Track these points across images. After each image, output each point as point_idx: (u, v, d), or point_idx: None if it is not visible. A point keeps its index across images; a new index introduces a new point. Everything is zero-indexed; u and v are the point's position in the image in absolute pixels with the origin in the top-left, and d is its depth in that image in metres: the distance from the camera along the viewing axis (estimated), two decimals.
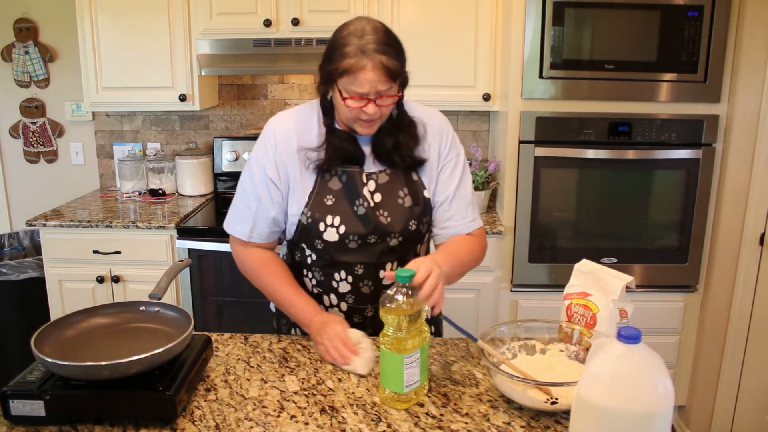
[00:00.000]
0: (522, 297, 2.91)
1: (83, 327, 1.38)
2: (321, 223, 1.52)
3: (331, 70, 1.41)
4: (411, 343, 1.23)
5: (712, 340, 2.88)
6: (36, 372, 1.25)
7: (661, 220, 2.85)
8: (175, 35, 3.03)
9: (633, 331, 0.95)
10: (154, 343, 1.23)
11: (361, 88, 1.38)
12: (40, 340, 1.25)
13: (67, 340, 1.31)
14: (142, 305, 1.44)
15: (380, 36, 1.39)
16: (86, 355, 1.24)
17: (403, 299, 1.22)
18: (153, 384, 1.20)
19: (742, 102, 2.64)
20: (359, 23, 1.41)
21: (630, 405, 0.94)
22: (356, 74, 1.37)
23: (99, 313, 1.42)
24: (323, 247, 1.54)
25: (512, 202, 2.83)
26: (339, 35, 1.42)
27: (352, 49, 1.37)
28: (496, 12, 2.91)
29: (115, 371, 1.17)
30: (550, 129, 2.73)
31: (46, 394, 1.18)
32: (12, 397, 1.19)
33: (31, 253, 3.46)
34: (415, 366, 1.25)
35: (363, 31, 1.39)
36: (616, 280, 1.39)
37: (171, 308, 1.43)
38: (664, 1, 2.60)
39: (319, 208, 1.52)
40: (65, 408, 1.20)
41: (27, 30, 3.42)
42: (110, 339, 1.36)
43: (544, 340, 1.40)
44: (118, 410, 1.20)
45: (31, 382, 1.22)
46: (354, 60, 1.36)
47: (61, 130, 3.57)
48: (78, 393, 1.19)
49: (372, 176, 1.54)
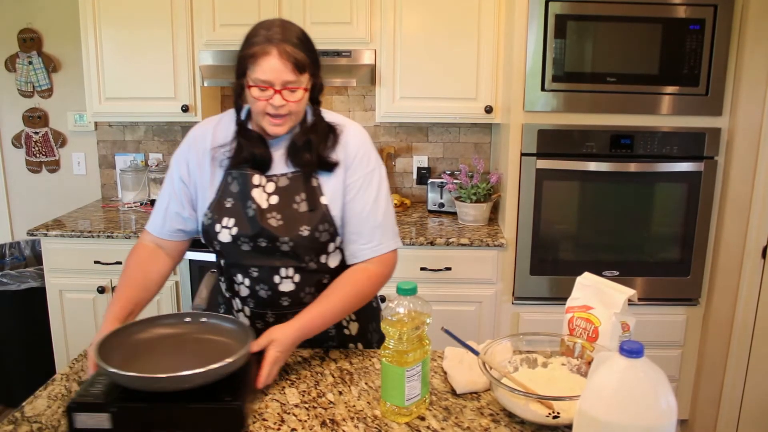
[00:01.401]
0: (524, 310, 2.90)
1: (143, 338, 1.38)
2: (218, 225, 1.53)
3: (239, 59, 1.44)
4: (412, 356, 1.23)
5: (715, 354, 2.87)
6: (98, 384, 1.24)
7: (663, 233, 2.85)
8: (177, 46, 3.04)
9: (635, 345, 0.94)
10: (212, 354, 1.23)
11: (264, 75, 1.40)
12: (102, 351, 1.24)
13: (127, 351, 1.31)
14: (203, 317, 1.45)
15: (288, 30, 1.43)
16: (148, 366, 1.24)
17: (404, 312, 1.22)
18: (217, 395, 1.20)
19: (744, 115, 2.65)
20: (272, 19, 1.47)
21: (632, 419, 0.93)
22: (261, 61, 1.39)
23: (158, 324, 1.43)
24: (220, 248, 1.55)
25: (514, 215, 2.82)
26: (251, 29, 1.46)
27: (259, 38, 1.41)
28: (499, 25, 2.92)
29: (187, 382, 1.17)
30: (552, 141, 2.73)
31: (113, 406, 1.17)
32: (77, 410, 1.18)
33: (32, 263, 3.46)
34: (416, 379, 1.24)
35: (272, 24, 1.44)
36: (618, 294, 1.38)
37: (228, 320, 1.45)
38: (665, 15, 2.61)
39: (218, 209, 1.53)
40: (131, 421, 1.19)
41: (31, 40, 3.44)
42: (170, 350, 1.36)
43: (546, 354, 1.40)
44: (185, 422, 1.19)
45: (96, 394, 1.20)
46: (259, 47, 1.40)
47: (63, 140, 3.58)
48: (145, 405, 1.19)
49: (273, 178, 1.53)
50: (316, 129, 1.53)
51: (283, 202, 1.51)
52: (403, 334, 1.21)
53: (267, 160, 1.53)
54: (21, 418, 1.27)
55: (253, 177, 1.52)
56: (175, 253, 1.66)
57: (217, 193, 1.54)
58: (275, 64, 1.39)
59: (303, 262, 1.53)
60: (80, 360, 1.54)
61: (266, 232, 1.49)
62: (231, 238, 1.51)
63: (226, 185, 1.54)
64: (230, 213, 1.52)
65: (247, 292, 1.58)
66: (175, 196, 1.60)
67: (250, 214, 1.50)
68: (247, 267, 1.54)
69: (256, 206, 1.50)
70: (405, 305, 1.23)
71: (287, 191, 1.52)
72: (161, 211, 1.62)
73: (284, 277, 1.54)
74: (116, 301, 1.51)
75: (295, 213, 1.50)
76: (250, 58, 1.41)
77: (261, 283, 1.55)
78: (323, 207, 1.52)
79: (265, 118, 1.46)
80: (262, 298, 1.57)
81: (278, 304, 1.56)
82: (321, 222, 1.51)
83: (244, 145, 1.52)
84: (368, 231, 1.55)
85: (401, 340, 1.21)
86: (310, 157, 1.51)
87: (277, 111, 1.44)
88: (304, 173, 1.52)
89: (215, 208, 1.53)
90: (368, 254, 1.55)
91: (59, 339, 3.02)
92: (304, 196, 1.51)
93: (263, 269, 1.53)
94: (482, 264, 2.84)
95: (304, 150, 1.51)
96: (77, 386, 1.40)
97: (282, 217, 1.50)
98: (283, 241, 1.49)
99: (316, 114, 1.55)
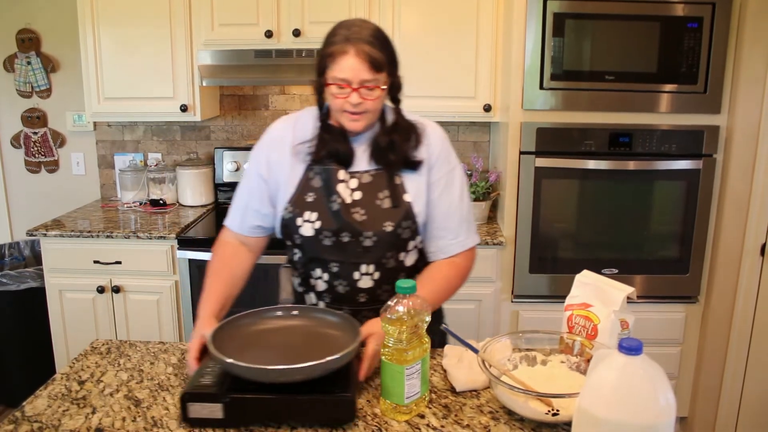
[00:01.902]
0: (523, 308, 2.90)
1: (253, 330, 1.41)
2: (299, 218, 1.55)
3: (319, 58, 1.49)
4: (412, 354, 1.23)
5: (714, 351, 2.87)
6: (207, 376, 1.27)
7: (662, 231, 2.85)
8: (176, 46, 3.04)
9: (634, 343, 0.95)
10: (321, 346, 1.27)
11: (342, 74, 1.43)
12: (214, 343, 1.27)
13: (237, 344, 1.33)
14: (313, 310, 1.49)
15: (368, 29, 1.47)
16: (257, 358, 1.25)
17: (403, 310, 1.22)
18: (325, 387, 1.22)
19: (742, 112, 2.65)
20: (352, 19, 1.53)
21: (631, 416, 0.93)
22: (339, 59, 1.43)
23: (266, 317, 1.45)
24: (301, 242, 1.57)
25: (513, 213, 2.83)
26: (331, 29, 1.51)
27: (338, 38, 1.45)
28: (497, 23, 2.92)
29: (305, 373, 1.19)
30: (550, 140, 2.73)
31: (226, 397, 1.20)
32: (191, 400, 1.21)
33: (32, 263, 3.46)
34: (415, 377, 1.24)
35: (352, 24, 1.49)
36: (617, 291, 1.39)
37: (334, 314, 1.46)
38: (664, 13, 2.61)
39: (299, 203, 1.56)
40: (243, 411, 1.22)
41: (29, 40, 3.44)
42: (279, 342, 1.38)
43: (545, 352, 1.40)
44: (296, 413, 1.22)
45: (208, 385, 1.23)
46: (338, 46, 1.44)
47: (62, 140, 3.58)
48: (257, 396, 1.21)
49: (356, 174, 1.56)
50: (398, 128, 1.56)
51: (367, 198, 1.54)
52: (403, 333, 1.21)
53: (349, 155, 1.56)
54: (21, 418, 1.28)
55: (338, 172, 1.55)
56: (256, 248, 1.70)
57: (298, 188, 1.57)
58: (352, 63, 1.43)
59: (383, 258, 1.55)
60: (80, 360, 1.54)
61: (350, 226, 1.52)
62: (314, 231, 1.53)
63: (308, 180, 1.57)
64: (312, 207, 1.54)
65: (324, 287, 1.59)
66: (254, 193, 1.63)
67: (334, 208, 1.53)
68: (327, 262, 1.56)
69: (341, 201, 1.53)
70: (404, 303, 1.23)
71: (370, 188, 1.55)
72: (240, 208, 1.66)
73: (364, 273, 1.56)
74: (208, 298, 1.54)
75: (379, 209, 1.53)
76: (329, 57, 1.45)
77: (340, 278, 1.57)
78: (406, 204, 1.55)
79: (344, 114, 1.50)
80: (340, 293, 1.58)
81: (355, 300, 1.58)
82: (404, 219, 1.54)
83: (327, 139, 1.56)
84: (455, 227, 1.59)
85: (400, 339, 1.21)
86: (395, 158, 1.54)
87: (354, 108, 1.47)
88: (388, 171, 1.55)
89: (296, 202, 1.56)
90: (455, 249, 1.60)
91: (59, 339, 3.02)
92: (387, 193, 1.54)
93: (343, 264, 1.55)
94: (481, 262, 2.84)
95: (388, 150, 1.54)
96: (77, 385, 1.41)
97: (365, 213, 1.53)
98: (366, 236, 1.52)
99: (397, 113, 1.58)
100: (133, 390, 1.39)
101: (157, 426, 1.25)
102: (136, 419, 1.27)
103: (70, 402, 1.34)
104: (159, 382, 1.43)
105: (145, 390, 1.39)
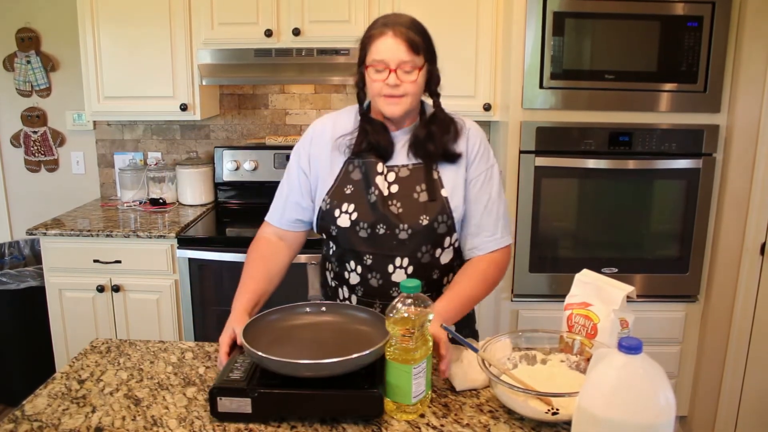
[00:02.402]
0: (523, 307, 2.90)
1: (283, 326, 1.42)
2: (337, 210, 1.57)
3: (360, 46, 1.53)
4: (419, 353, 1.23)
5: (714, 350, 2.88)
6: (236, 371, 1.28)
7: (662, 230, 2.85)
8: (176, 45, 3.04)
9: (634, 342, 0.95)
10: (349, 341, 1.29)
11: (380, 55, 1.47)
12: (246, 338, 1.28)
13: (268, 339, 1.34)
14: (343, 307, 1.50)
15: (406, 17, 1.54)
16: (288, 353, 1.26)
17: (410, 309, 1.22)
18: (353, 382, 1.23)
19: (742, 112, 2.65)
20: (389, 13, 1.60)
21: (631, 416, 0.93)
22: (377, 41, 1.48)
23: (296, 313, 1.47)
24: (337, 233, 1.58)
25: (513, 212, 2.82)
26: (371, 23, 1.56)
27: (377, 24, 1.52)
28: (497, 22, 2.92)
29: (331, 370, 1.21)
30: (550, 139, 2.73)
31: (255, 391, 1.21)
32: (220, 395, 1.22)
33: (32, 262, 3.46)
34: (421, 376, 1.24)
35: (392, 14, 1.57)
36: (617, 290, 1.39)
37: (362, 310, 1.47)
38: (663, 12, 2.61)
39: (338, 195, 1.58)
40: (272, 405, 1.23)
41: (29, 39, 3.44)
42: (308, 338, 1.39)
43: (545, 351, 1.40)
44: (324, 408, 1.23)
45: (237, 380, 1.25)
46: (377, 30, 1.50)
47: (62, 139, 3.58)
48: (286, 391, 1.22)
49: (394, 168, 1.58)
50: (437, 120, 1.58)
51: (403, 191, 1.56)
52: (411, 332, 1.20)
53: (390, 148, 1.58)
54: (21, 417, 1.28)
55: (377, 165, 1.56)
56: (295, 244, 1.71)
57: (336, 180, 1.59)
58: (390, 43, 1.47)
59: (418, 252, 1.56)
60: (80, 359, 1.54)
61: (386, 218, 1.53)
62: (350, 223, 1.55)
63: (347, 173, 1.59)
64: (350, 199, 1.56)
65: (357, 280, 1.60)
66: (294, 186, 1.65)
67: (371, 200, 1.54)
68: (362, 254, 1.57)
69: (378, 192, 1.54)
70: (409, 303, 1.22)
71: (408, 181, 1.56)
72: (281, 201, 1.68)
73: (398, 267, 1.56)
74: (243, 293, 1.55)
75: (416, 202, 1.55)
76: (368, 41, 1.50)
77: (373, 271, 1.57)
78: (443, 199, 1.56)
79: (382, 99, 1.51)
80: (373, 286, 1.59)
81: (388, 294, 1.58)
82: (440, 213, 1.55)
83: (368, 131, 1.57)
84: (492, 224, 1.60)
85: (408, 338, 1.21)
86: (434, 149, 1.56)
87: (392, 91, 1.49)
88: (426, 165, 1.57)
89: (334, 194, 1.58)
90: (492, 246, 1.61)
91: (59, 338, 3.02)
92: (424, 187, 1.56)
93: (378, 257, 1.56)
94: None
95: (427, 141, 1.56)
96: (77, 385, 1.41)
97: (402, 206, 1.54)
98: (402, 229, 1.53)
99: (436, 106, 1.61)
100: (132, 389, 1.39)
101: (156, 425, 1.25)
102: (136, 418, 1.27)
103: (70, 401, 1.34)
104: (159, 381, 1.43)
105: (145, 389, 1.39)
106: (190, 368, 1.48)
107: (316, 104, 3.45)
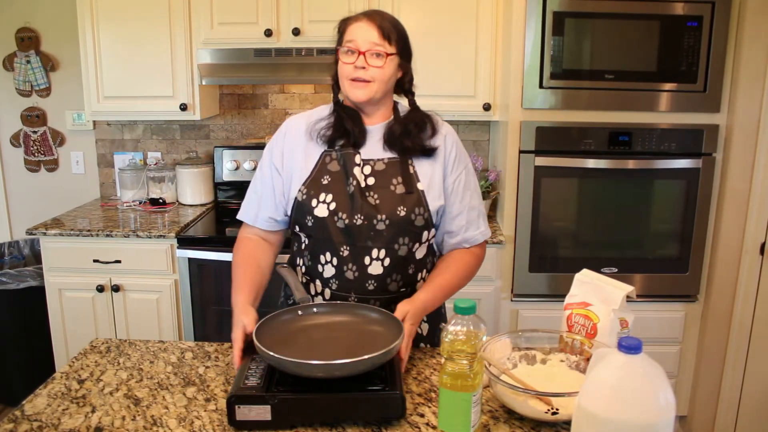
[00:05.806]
0: (522, 307, 2.91)
1: (294, 327, 1.41)
2: (314, 200, 1.56)
3: (337, 32, 1.57)
4: (478, 378, 1.13)
5: (713, 350, 2.88)
6: (252, 377, 1.25)
7: (662, 230, 2.85)
8: (176, 45, 3.04)
9: (634, 341, 0.95)
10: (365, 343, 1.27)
11: (351, 36, 1.51)
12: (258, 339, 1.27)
13: (279, 340, 1.32)
14: (354, 306, 1.49)
15: (384, 13, 1.57)
16: (299, 354, 1.24)
17: (468, 332, 1.11)
18: (371, 384, 1.22)
19: (742, 111, 2.65)
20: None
21: (631, 415, 0.93)
22: (351, 26, 1.53)
23: (307, 313, 1.46)
24: (313, 223, 1.57)
25: (512, 212, 2.83)
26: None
27: (357, 14, 1.56)
28: (497, 22, 2.92)
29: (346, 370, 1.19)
30: (550, 139, 2.73)
31: (274, 398, 1.19)
32: (238, 403, 1.20)
33: (31, 262, 3.46)
34: (478, 403, 1.16)
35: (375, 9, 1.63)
36: (617, 290, 1.39)
37: (374, 310, 1.47)
38: (663, 12, 2.61)
39: (315, 185, 1.58)
40: (292, 411, 1.21)
41: (29, 39, 3.44)
42: (321, 339, 1.38)
43: (545, 350, 1.40)
44: (344, 411, 1.21)
45: (254, 386, 1.22)
46: (354, 17, 1.55)
47: (62, 139, 3.57)
48: (306, 396, 1.20)
49: (369, 162, 1.58)
50: (414, 117, 1.62)
51: (380, 183, 1.57)
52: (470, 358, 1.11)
53: (363, 135, 1.59)
54: (21, 417, 1.28)
55: (355, 156, 1.58)
56: (276, 243, 1.72)
57: (313, 171, 1.59)
58: (362, 26, 1.52)
59: (395, 244, 1.56)
60: (80, 358, 1.54)
61: (364, 208, 1.53)
62: (328, 212, 1.55)
63: (324, 164, 1.59)
64: (328, 189, 1.56)
65: (332, 273, 1.59)
66: (267, 182, 1.66)
67: (350, 190, 1.54)
68: (338, 245, 1.56)
69: (357, 183, 1.55)
70: (465, 324, 1.12)
71: (383, 174, 1.58)
72: (254, 199, 1.69)
73: (374, 259, 1.56)
74: (242, 288, 1.55)
75: (393, 194, 1.56)
76: (344, 26, 1.55)
77: (350, 263, 1.56)
78: (419, 192, 1.57)
79: (348, 82, 1.53)
80: (348, 279, 1.57)
81: (364, 287, 1.57)
82: (417, 206, 1.56)
83: (343, 117, 1.59)
84: (476, 219, 1.66)
85: (471, 364, 1.12)
86: (410, 144, 1.58)
87: (359, 74, 1.51)
88: (401, 159, 1.58)
89: (311, 184, 1.58)
90: (479, 239, 1.67)
91: (59, 337, 3.02)
92: (400, 180, 1.57)
93: (354, 248, 1.55)
94: None
95: (403, 137, 1.58)
96: (77, 384, 1.41)
97: (379, 197, 1.55)
98: (379, 219, 1.53)
99: (412, 104, 1.65)
100: (132, 389, 1.39)
101: (156, 425, 1.25)
102: (136, 418, 1.27)
103: (70, 401, 1.34)
104: (158, 381, 1.43)
105: (145, 389, 1.39)
106: (190, 368, 1.48)
107: (315, 104, 3.44)
